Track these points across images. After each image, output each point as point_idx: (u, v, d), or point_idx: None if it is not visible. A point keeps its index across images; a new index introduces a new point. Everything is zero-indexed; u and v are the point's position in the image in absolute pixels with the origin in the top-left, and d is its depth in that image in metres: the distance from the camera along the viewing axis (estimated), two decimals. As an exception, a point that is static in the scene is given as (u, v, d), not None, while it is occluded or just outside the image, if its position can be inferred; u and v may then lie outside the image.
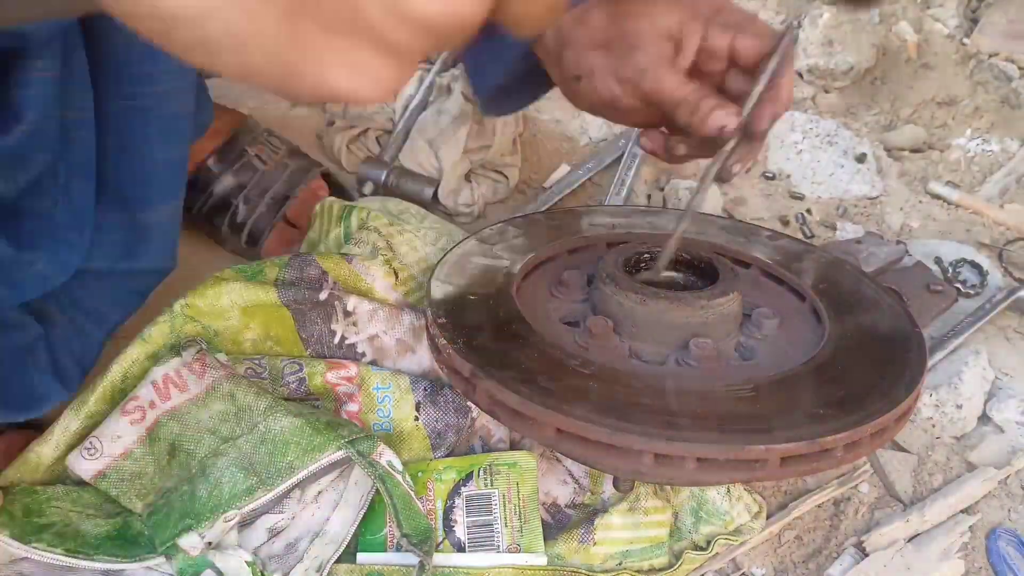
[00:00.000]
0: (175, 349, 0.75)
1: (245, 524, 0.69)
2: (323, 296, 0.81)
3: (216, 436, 0.71)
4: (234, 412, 0.72)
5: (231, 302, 0.79)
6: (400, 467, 0.70)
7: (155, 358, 0.76)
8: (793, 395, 0.65)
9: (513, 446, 0.79)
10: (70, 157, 0.62)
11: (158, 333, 0.77)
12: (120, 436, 0.72)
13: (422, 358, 0.82)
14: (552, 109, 1.24)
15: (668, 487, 0.75)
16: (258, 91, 1.14)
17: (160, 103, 0.63)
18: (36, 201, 0.63)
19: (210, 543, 0.66)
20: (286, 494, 0.70)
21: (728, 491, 0.75)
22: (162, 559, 0.66)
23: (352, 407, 0.77)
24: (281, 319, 0.80)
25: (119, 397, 0.74)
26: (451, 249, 0.83)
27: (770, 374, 0.68)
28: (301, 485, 0.70)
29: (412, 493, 0.69)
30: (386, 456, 0.69)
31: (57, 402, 0.71)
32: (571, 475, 0.78)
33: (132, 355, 0.76)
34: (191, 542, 0.66)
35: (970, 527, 0.79)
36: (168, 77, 0.63)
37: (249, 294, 0.79)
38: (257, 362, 0.78)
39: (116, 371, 0.75)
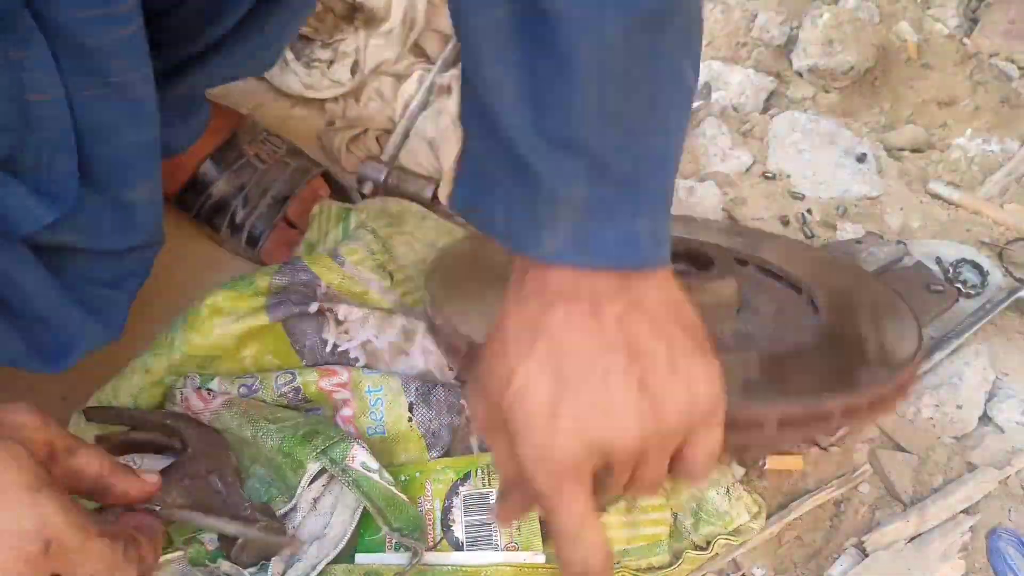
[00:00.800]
0: (177, 383, 0.78)
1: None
2: (313, 309, 0.80)
3: (249, 446, 0.73)
4: (240, 440, 0.73)
5: (224, 333, 0.79)
6: (376, 466, 0.69)
7: (162, 385, 0.78)
8: (790, 368, 0.65)
9: (512, 446, 0.79)
10: (43, 135, 0.62)
11: (158, 366, 0.78)
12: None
13: (415, 360, 0.82)
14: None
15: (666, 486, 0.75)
16: (257, 91, 1.14)
17: (122, 91, 0.64)
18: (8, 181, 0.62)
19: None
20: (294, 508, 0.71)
21: (728, 491, 0.75)
22: (180, 552, 0.68)
23: (347, 412, 0.77)
24: (275, 336, 0.81)
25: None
26: (450, 246, 0.83)
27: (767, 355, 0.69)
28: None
29: (393, 488, 0.69)
30: (359, 458, 0.69)
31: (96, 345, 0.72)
32: (570, 475, 0.78)
33: (136, 383, 0.78)
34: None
35: (970, 527, 0.78)
36: (120, 70, 0.63)
37: (239, 325, 0.79)
38: (251, 379, 0.79)
39: (124, 399, 0.77)
